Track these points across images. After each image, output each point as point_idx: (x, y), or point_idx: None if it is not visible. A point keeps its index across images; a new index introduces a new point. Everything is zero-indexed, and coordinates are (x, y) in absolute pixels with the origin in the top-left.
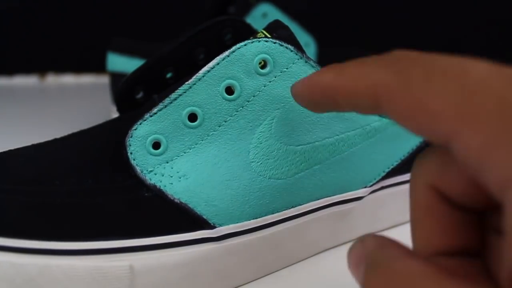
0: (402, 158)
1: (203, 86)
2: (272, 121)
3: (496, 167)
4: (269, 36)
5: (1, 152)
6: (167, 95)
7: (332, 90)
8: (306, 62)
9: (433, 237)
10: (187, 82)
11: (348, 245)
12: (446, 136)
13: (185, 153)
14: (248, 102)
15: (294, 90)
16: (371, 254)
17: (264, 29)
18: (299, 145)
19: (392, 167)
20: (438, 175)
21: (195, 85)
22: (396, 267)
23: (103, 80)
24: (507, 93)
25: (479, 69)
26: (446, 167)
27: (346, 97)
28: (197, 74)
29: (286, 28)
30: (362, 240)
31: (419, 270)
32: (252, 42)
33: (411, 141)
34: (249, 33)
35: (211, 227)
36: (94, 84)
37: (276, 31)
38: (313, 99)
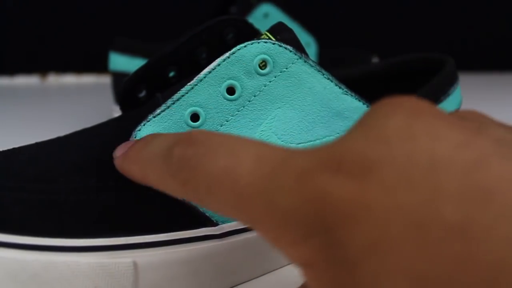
0: None
1: (205, 87)
2: (272, 120)
3: (288, 257)
4: (272, 38)
5: (5, 150)
6: (169, 96)
7: (143, 182)
8: (305, 62)
9: None
10: (189, 83)
11: None
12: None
13: None
14: (249, 101)
15: (118, 168)
16: None
17: (268, 31)
18: (299, 143)
19: None
20: None
21: (196, 86)
22: None
23: (105, 80)
24: (275, 195)
25: (248, 178)
26: None
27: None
28: (198, 75)
29: (289, 30)
30: None
31: None
32: (251, 44)
33: None
34: (251, 32)
35: (213, 224)
36: (96, 84)
37: (280, 33)
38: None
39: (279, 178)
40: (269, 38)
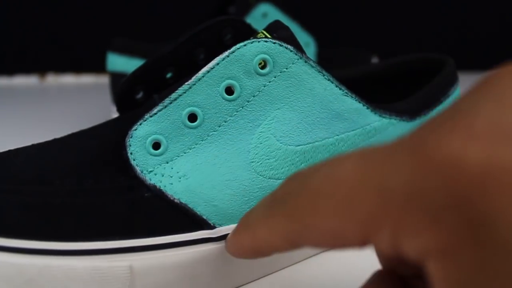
0: None
1: (203, 86)
2: (272, 121)
3: (407, 252)
4: (269, 36)
5: (1, 152)
6: (167, 95)
7: (256, 252)
8: (305, 62)
9: None
10: (187, 83)
11: None
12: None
13: (185, 153)
14: (248, 102)
15: (231, 253)
16: None
17: (264, 29)
18: (299, 145)
19: None
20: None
21: (195, 85)
22: None
23: (103, 80)
24: (390, 178)
25: (352, 172)
26: None
27: (270, 252)
28: (197, 74)
29: (286, 28)
30: None
31: None
32: (251, 42)
33: None
34: (249, 33)
35: (211, 227)
36: (94, 84)
37: (276, 31)
38: (247, 257)
39: (390, 158)
40: (266, 37)
